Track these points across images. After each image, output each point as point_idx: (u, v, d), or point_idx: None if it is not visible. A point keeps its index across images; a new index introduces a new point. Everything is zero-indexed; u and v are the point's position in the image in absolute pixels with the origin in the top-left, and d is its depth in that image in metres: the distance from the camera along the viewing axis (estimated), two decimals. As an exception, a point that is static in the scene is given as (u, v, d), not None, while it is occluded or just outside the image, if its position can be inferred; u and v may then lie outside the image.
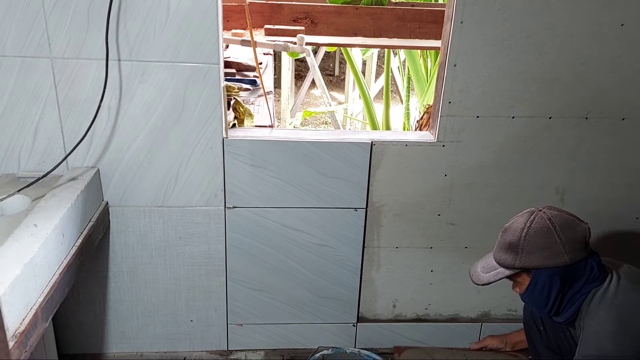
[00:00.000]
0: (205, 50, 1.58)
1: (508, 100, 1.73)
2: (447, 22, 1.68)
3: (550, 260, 1.39)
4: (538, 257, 1.40)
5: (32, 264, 1.18)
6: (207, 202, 1.78)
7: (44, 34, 1.51)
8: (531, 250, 1.40)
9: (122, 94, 1.61)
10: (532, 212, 1.44)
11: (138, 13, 1.52)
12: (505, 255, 1.45)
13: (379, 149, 1.76)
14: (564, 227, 1.40)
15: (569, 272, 1.41)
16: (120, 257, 1.84)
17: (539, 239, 1.40)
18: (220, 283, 1.91)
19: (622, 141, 1.82)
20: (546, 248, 1.39)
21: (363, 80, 3.92)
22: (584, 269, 1.41)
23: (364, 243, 1.90)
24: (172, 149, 1.69)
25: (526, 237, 1.41)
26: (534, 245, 1.40)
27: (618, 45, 1.67)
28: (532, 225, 1.41)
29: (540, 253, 1.40)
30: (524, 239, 1.41)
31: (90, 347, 1.98)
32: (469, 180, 1.83)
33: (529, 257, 1.41)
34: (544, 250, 1.39)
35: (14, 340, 1.08)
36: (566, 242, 1.39)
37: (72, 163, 1.67)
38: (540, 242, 1.40)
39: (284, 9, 2.93)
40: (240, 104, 2.13)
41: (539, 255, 1.40)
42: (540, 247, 1.40)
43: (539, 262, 1.40)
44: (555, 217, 1.41)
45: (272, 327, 2.01)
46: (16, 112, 1.59)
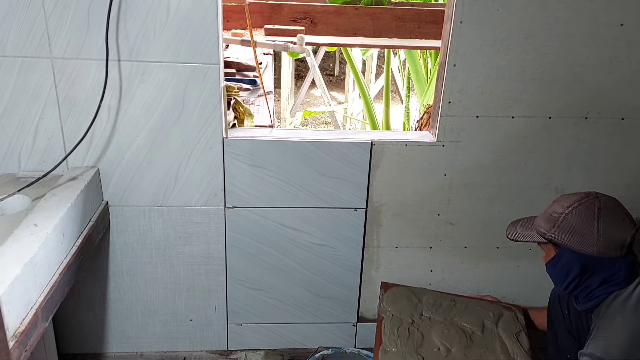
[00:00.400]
0: (205, 50, 1.58)
1: (507, 100, 1.73)
2: (446, 22, 1.68)
3: (580, 246, 1.39)
4: (570, 238, 1.40)
5: (32, 263, 1.18)
6: (207, 202, 1.78)
7: (44, 34, 1.51)
8: (566, 229, 1.40)
9: (122, 94, 1.61)
10: (589, 195, 1.43)
11: (138, 13, 1.52)
12: (544, 223, 1.46)
13: (378, 149, 1.76)
14: (608, 222, 1.38)
15: (593, 263, 1.40)
16: (120, 257, 1.84)
17: (579, 222, 1.39)
18: (220, 283, 1.91)
19: (621, 141, 1.82)
20: (581, 233, 1.39)
21: (363, 80, 3.93)
22: (609, 267, 1.39)
23: (363, 243, 1.90)
24: (172, 149, 1.70)
25: (568, 215, 1.41)
26: (571, 225, 1.40)
27: (617, 45, 1.67)
28: (580, 206, 1.41)
29: (573, 235, 1.39)
30: (565, 216, 1.41)
31: (90, 347, 1.98)
32: (468, 180, 1.84)
33: (562, 234, 1.41)
34: (578, 234, 1.39)
35: (14, 340, 1.08)
36: (603, 236, 1.37)
37: (72, 163, 1.68)
38: (578, 225, 1.39)
39: (284, 9, 2.93)
40: (240, 104, 2.13)
41: (571, 236, 1.40)
42: (575, 230, 1.39)
43: (568, 242, 1.40)
44: (606, 208, 1.39)
45: (272, 327, 2.01)
46: (16, 112, 1.60)
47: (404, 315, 1.75)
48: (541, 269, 1.73)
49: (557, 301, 1.69)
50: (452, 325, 1.73)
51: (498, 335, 1.71)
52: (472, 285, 2.03)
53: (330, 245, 1.89)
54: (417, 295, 1.84)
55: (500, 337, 1.70)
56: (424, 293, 1.85)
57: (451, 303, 1.81)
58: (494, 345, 1.68)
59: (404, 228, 1.90)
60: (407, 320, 1.73)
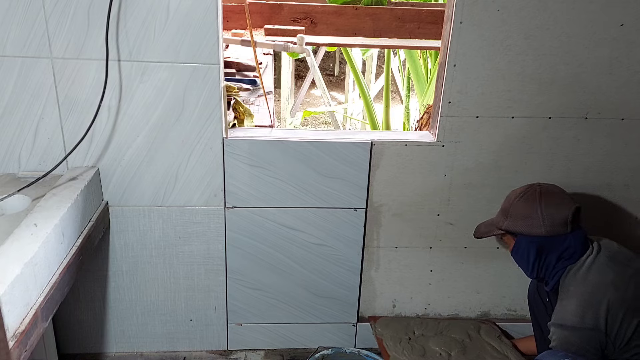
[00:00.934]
0: (205, 51, 1.58)
1: (507, 100, 1.73)
2: (446, 23, 1.68)
3: (530, 229, 1.54)
4: (520, 224, 1.55)
5: (32, 263, 1.18)
6: (207, 202, 1.79)
7: (44, 34, 1.52)
8: (516, 217, 1.56)
9: (122, 94, 1.61)
10: (532, 185, 1.59)
11: (138, 13, 1.52)
12: (499, 217, 1.63)
13: (378, 149, 1.77)
14: (548, 203, 1.53)
15: (546, 243, 1.53)
16: (120, 257, 1.84)
17: (524, 208, 1.55)
18: (220, 282, 1.91)
19: (620, 141, 1.82)
20: (527, 217, 1.54)
21: (363, 80, 3.93)
22: (560, 244, 1.53)
23: (363, 243, 1.90)
24: (172, 149, 1.70)
25: (516, 204, 1.57)
26: (519, 212, 1.56)
27: (617, 46, 1.68)
28: (524, 195, 1.57)
29: (522, 221, 1.55)
30: (513, 206, 1.58)
31: (90, 347, 1.98)
32: (468, 180, 1.84)
33: (513, 222, 1.57)
34: (526, 219, 1.54)
35: (14, 340, 1.08)
36: (546, 216, 1.52)
37: (72, 163, 1.68)
38: (524, 211, 1.55)
39: (284, 9, 2.93)
40: (240, 104, 2.13)
41: (521, 222, 1.55)
42: (523, 216, 1.55)
43: (520, 228, 1.56)
44: (545, 192, 1.56)
45: (272, 327, 2.01)
46: (16, 112, 1.60)
47: (401, 334, 1.94)
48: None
49: (537, 293, 1.80)
50: (443, 336, 1.94)
51: (484, 340, 1.94)
52: (471, 285, 2.03)
53: (330, 245, 1.89)
54: (404, 320, 2.02)
55: (486, 341, 1.93)
56: (409, 319, 2.03)
57: (435, 322, 2.01)
58: (485, 348, 1.90)
59: (404, 228, 1.90)
60: (404, 338, 1.92)
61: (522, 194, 1.57)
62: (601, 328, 1.43)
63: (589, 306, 1.45)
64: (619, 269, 1.49)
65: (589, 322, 1.44)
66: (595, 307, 1.44)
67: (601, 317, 1.43)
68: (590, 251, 1.53)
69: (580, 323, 1.45)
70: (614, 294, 1.44)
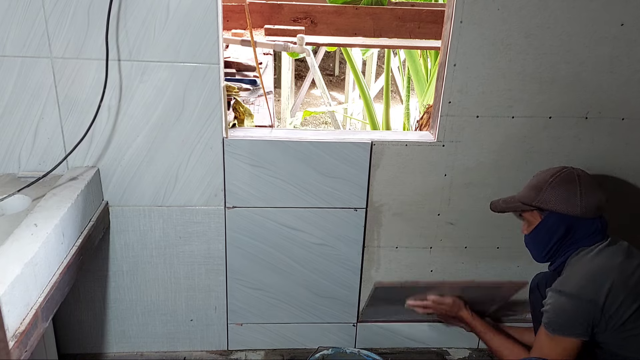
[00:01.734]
0: (205, 50, 1.58)
1: (507, 100, 1.73)
2: (446, 22, 1.68)
3: (565, 206, 1.53)
4: (556, 200, 1.54)
5: (33, 263, 1.18)
6: (207, 202, 1.78)
7: (44, 34, 1.51)
8: (552, 193, 1.55)
9: (122, 94, 1.61)
10: (563, 167, 1.59)
11: (138, 13, 1.52)
12: (529, 192, 1.60)
13: (378, 149, 1.76)
14: (586, 185, 1.54)
15: (576, 223, 1.54)
16: (120, 257, 1.84)
17: (563, 185, 1.54)
18: (220, 282, 1.91)
19: (621, 141, 1.82)
20: (565, 195, 1.53)
21: (363, 80, 3.93)
22: (588, 226, 1.54)
23: (363, 243, 1.90)
24: (172, 149, 1.70)
25: (552, 182, 1.56)
26: (556, 189, 1.55)
27: (617, 45, 1.67)
28: (561, 174, 1.57)
29: (559, 197, 1.54)
30: (550, 183, 1.56)
31: (91, 347, 1.98)
32: (468, 180, 1.84)
33: (548, 198, 1.55)
34: (564, 196, 1.54)
35: (14, 340, 1.08)
36: (585, 196, 1.52)
37: (72, 163, 1.68)
38: (562, 188, 1.54)
39: (284, 9, 2.93)
40: (240, 104, 2.13)
41: (557, 198, 1.54)
42: (560, 192, 1.54)
43: (555, 205, 1.54)
44: (583, 175, 1.56)
45: (272, 327, 2.01)
46: (16, 112, 1.60)
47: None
48: (541, 268, 1.73)
49: (537, 289, 1.78)
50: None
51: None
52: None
53: (330, 245, 1.88)
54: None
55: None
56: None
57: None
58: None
59: (404, 228, 1.90)
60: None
61: (559, 173, 1.57)
62: (599, 303, 1.44)
63: (592, 280, 1.47)
64: (627, 257, 1.52)
65: (589, 294, 1.46)
66: (598, 283, 1.46)
67: (602, 293, 1.45)
68: (605, 240, 1.56)
69: (579, 292, 1.47)
70: (618, 277, 1.46)
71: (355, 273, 1.94)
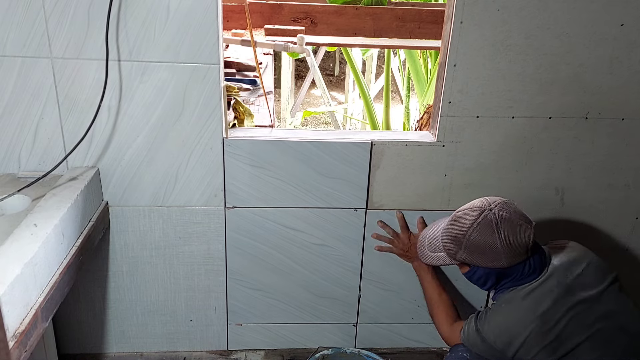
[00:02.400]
0: (205, 50, 1.58)
1: (507, 100, 1.73)
2: (447, 22, 1.68)
3: (489, 263, 1.46)
4: (478, 257, 1.47)
5: (32, 263, 1.18)
6: (207, 202, 1.78)
7: (44, 34, 1.51)
8: (473, 250, 1.47)
9: (122, 94, 1.61)
10: (483, 210, 1.47)
11: (138, 13, 1.52)
12: (450, 245, 1.52)
13: (378, 149, 1.76)
14: (508, 233, 1.43)
15: (505, 272, 1.48)
16: (120, 257, 1.84)
17: (482, 241, 1.45)
18: (220, 283, 1.91)
19: (621, 141, 1.82)
20: (487, 251, 1.45)
21: (363, 80, 3.93)
22: (521, 270, 1.48)
23: (363, 243, 1.90)
24: (172, 149, 1.70)
25: (471, 236, 1.46)
26: (476, 245, 1.46)
27: (617, 45, 1.67)
28: (479, 225, 1.45)
29: (480, 254, 1.46)
30: (468, 238, 1.46)
31: (90, 347, 1.98)
32: (468, 181, 1.84)
33: (470, 255, 1.48)
34: (485, 253, 1.45)
35: (14, 340, 1.08)
36: (507, 248, 1.43)
37: (72, 163, 1.68)
38: (482, 244, 1.45)
39: (284, 9, 2.93)
40: (240, 104, 2.13)
41: (478, 256, 1.46)
42: (481, 249, 1.45)
43: (478, 261, 1.48)
44: (503, 220, 1.44)
45: (272, 327, 2.01)
46: (16, 112, 1.59)
47: None
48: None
49: None
50: None
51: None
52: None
53: (330, 245, 1.88)
54: None
55: None
56: None
57: None
58: None
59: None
60: None
61: (477, 223, 1.45)
62: (508, 355, 1.44)
63: (506, 332, 1.45)
64: (561, 298, 1.44)
65: (499, 345, 1.46)
66: (512, 336, 1.44)
67: (512, 347, 1.43)
68: (542, 274, 1.48)
69: (492, 339, 1.47)
70: (536, 329, 1.41)
71: (355, 273, 1.94)
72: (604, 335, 1.42)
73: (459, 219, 1.51)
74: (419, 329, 2.06)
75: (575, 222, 1.93)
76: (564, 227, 1.93)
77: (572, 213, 1.91)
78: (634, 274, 2.03)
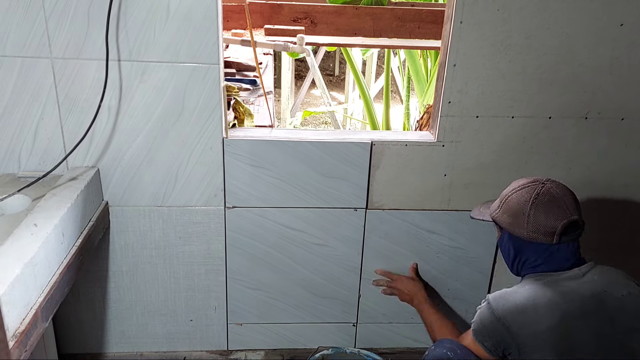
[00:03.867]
0: (205, 50, 1.58)
1: (507, 100, 1.73)
2: (446, 22, 1.68)
3: (512, 227, 1.46)
4: (506, 219, 1.48)
5: (32, 263, 1.18)
6: (207, 202, 1.78)
7: (44, 34, 1.51)
8: (504, 210, 1.48)
9: (122, 94, 1.61)
10: (537, 180, 1.47)
11: (138, 13, 1.52)
12: (497, 202, 1.53)
13: (378, 149, 1.76)
14: (540, 207, 1.41)
15: (524, 246, 1.46)
16: (120, 257, 1.84)
17: (515, 205, 1.46)
18: (220, 282, 1.91)
19: (621, 141, 1.82)
20: (514, 215, 1.45)
21: (363, 80, 3.92)
22: (541, 252, 1.44)
23: (363, 243, 1.90)
24: (172, 149, 1.70)
25: (510, 197, 1.48)
26: (509, 207, 1.47)
27: (617, 45, 1.67)
28: (522, 190, 1.46)
29: (509, 215, 1.47)
30: (508, 198, 1.48)
31: (90, 347, 1.98)
32: (468, 180, 1.84)
33: (502, 214, 1.49)
34: (512, 216, 1.46)
35: (14, 340, 1.08)
36: (532, 220, 1.42)
37: (72, 163, 1.68)
38: (513, 208, 1.46)
39: (284, 9, 2.93)
40: (240, 104, 2.13)
41: (506, 217, 1.47)
42: (510, 212, 1.46)
43: (504, 223, 1.48)
44: (545, 194, 1.42)
45: (272, 327, 2.01)
46: (16, 112, 1.60)
47: None
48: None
49: None
50: None
51: None
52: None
53: (330, 245, 1.88)
54: None
55: None
56: None
57: None
58: None
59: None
60: None
61: (522, 188, 1.46)
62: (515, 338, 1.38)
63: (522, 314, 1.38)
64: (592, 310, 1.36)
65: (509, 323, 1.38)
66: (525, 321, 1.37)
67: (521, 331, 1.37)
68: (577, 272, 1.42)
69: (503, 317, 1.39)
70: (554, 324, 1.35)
71: (355, 273, 1.94)
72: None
73: (514, 182, 1.52)
74: (419, 329, 2.06)
75: (575, 222, 1.93)
76: (563, 227, 1.93)
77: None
78: (634, 275, 2.03)
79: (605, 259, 1.56)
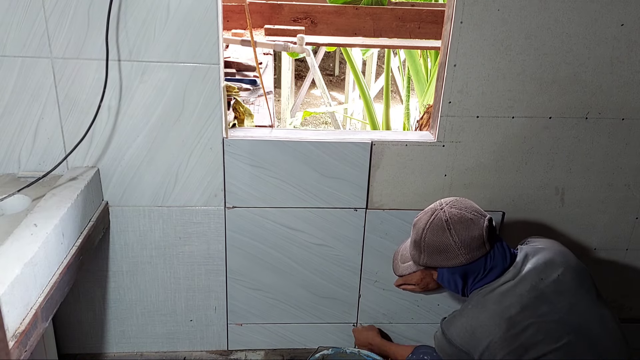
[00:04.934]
0: (205, 50, 1.58)
1: (507, 100, 1.73)
2: (447, 23, 1.68)
3: (449, 262, 1.45)
4: (437, 258, 1.46)
5: (32, 263, 1.18)
6: (207, 202, 1.78)
7: (44, 34, 1.51)
8: (431, 251, 1.47)
9: (122, 94, 1.61)
10: (434, 211, 1.48)
11: (138, 13, 1.52)
12: (414, 251, 1.53)
13: (378, 149, 1.76)
14: (459, 229, 1.43)
15: (469, 269, 1.46)
16: (120, 257, 1.84)
17: (436, 240, 1.45)
18: (220, 282, 1.91)
19: (621, 141, 1.82)
20: (443, 250, 1.44)
21: (363, 80, 3.92)
22: (484, 265, 1.45)
23: (363, 243, 1.90)
24: (172, 149, 1.70)
25: (426, 237, 1.47)
26: (432, 246, 1.46)
27: (617, 45, 1.67)
28: (431, 225, 1.46)
29: (438, 254, 1.45)
30: (424, 240, 1.47)
31: (90, 347, 1.98)
32: (468, 181, 1.84)
33: (430, 257, 1.48)
34: (442, 252, 1.45)
35: (14, 340, 1.08)
36: (460, 244, 1.42)
37: (72, 163, 1.68)
38: (437, 243, 1.45)
39: (284, 9, 2.93)
40: (240, 104, 2.13)
41: (437, 256, 1.46)
42: (438, 249, 1.45)
43: (438, 262, 1.47)
44: (453, 217, 1.44)
45: (272, 327, 2.01)
46: (16, 112, 1.59)
47: None
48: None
49: None
50: None
51: None
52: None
53: (331, 245, 1.88)
54: None
55: None
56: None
57: None
58: None
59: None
60: None
61: (429, 224, 1.46)
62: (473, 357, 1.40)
63: (471, 335, 1.40)
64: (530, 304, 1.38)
65: (465, 346, 1.41)
66: (476, 340, 1.39)
67: (477, 350, 1.39)
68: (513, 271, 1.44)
69: (459, 342, 1.42)
70: (501, 334, 1.36)
71: (355, 273, 1.94)
72: (571, 350, 1.35)
73: (416, 224, 1.52)
74: (418, 329, 2.06)
75: (575, 221, 1.93)
76: (563, 227, 1.93)
77: (572, 213, 1.92)
78: (634, 275, 2.03)
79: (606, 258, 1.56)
